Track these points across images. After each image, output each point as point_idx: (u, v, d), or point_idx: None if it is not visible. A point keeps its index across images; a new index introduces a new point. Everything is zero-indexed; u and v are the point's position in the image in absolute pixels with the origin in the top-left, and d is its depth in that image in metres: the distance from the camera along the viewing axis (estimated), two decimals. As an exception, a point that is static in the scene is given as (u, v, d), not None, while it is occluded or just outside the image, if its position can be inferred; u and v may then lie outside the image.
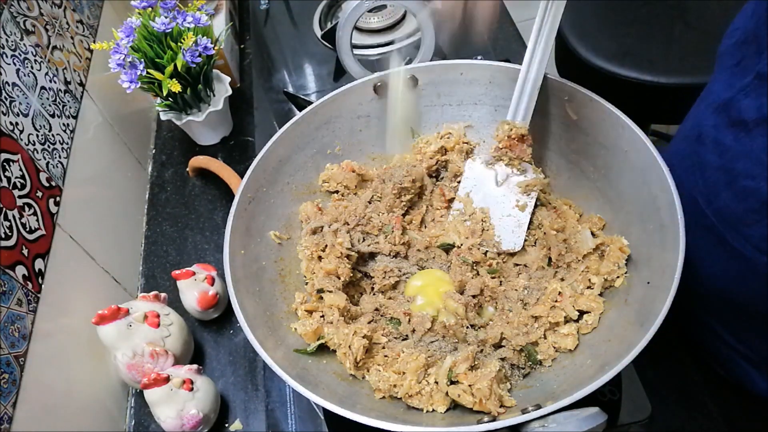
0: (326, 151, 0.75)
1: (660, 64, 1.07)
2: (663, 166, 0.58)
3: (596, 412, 0.48)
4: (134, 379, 0.69)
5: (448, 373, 0.55)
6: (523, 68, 0.67)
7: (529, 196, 0.69)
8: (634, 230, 0.62)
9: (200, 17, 0.88)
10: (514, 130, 0.68)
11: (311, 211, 0.71)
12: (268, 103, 1.07)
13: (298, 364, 0.58)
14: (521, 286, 0.65)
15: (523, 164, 0.69)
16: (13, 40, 0.72)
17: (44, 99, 0.76)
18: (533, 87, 0.67)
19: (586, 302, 0.61)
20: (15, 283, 0.61)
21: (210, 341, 0.80)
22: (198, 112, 0.97)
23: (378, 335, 0.61)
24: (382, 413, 0.55)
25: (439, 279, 0.66)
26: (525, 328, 0.61)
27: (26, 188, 0.67)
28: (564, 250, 0.65)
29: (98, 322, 0.68)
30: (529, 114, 0.68)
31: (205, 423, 0.68)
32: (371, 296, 0.67)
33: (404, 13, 1.13)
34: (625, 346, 0.51)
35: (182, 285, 0.77)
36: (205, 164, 0.94)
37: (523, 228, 0.69)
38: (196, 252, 0.90)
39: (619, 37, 1.13)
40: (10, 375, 0.57)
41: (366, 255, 0.69)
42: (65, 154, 0.78)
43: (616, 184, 0.65)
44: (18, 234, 0.63)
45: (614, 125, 0.63)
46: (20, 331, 0.60)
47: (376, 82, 0.73)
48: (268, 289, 0.65)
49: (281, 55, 1.16)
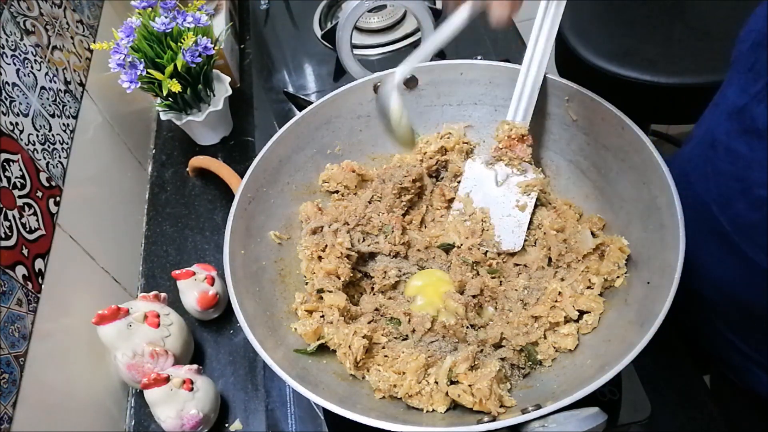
0: (326, 151, 0.75)
1: (660, 64, 1.07)
2: (663, 166, 0.58)
3: (596, 412, 0.48)
4: (134, 379, 0.69)
5: (448, 373, 0.55)
6: (523, 68, 0.67)
7: (529, 196, 0.69)
8: (634, 230, 0.62)
9: (200, 17, 0.88)
10: (514, 130, 0.68)
11: (311, 211, 0.71)
12: (268, 103, 1.07)
13: (298, 364, 0.58)
14: (521, 286, 0.65)
15: (523, 164, 0.69)
16: (13, 40, 0.72)
17: (44, 99, 0.76)
18: (533, 87, 0.67)
19: (586, 302, 0.61)
20: (15, 283, 0.61)
21: (210, 341, 0.80)
22: (198, 112, 0.97)
23: (378, 335, 0.61)
24: (382, 413, 0.55)
25: (439, 279, 0.66)
26: (525, 328, 0.61)
27: (26, 188, 0.67)
28: (564, 250, 0.65)
29: (98, 322, 0.68)
30: (529, 114, 0.68)
31: (205, 423, 0.68)
32: (371, 296, 0.67)
33: (404, 13, 1.13)
34: (625, 346, 0.51)
35: (182, 285, 0.77)
36: (205, 164, 0.94)
37: (523, 228, 0.69)
38: (196, 252, 0.90)
39: (619, 37, 1.13)
40: (10, 375, 0.57)
41: (366, 255, 0.69)
42: (65, 154, 0.78)
43: (616, 184, 0.65)
44: (18, 234, 0.63)
45: (614, 125, 0.63)
46: (20, 331, 0.60)
47: (376, 82, 0.73)
48: (268, 289, 0.65)
49: (281, 55, 1.16)
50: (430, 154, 0.75)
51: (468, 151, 0.76)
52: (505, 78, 0.71)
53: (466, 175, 0.72)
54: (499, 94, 0.73)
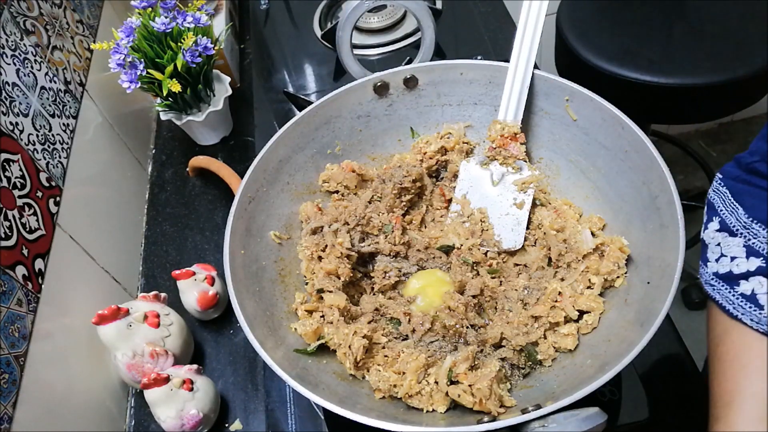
0: (326, 151, 0.75)
1: (660, 64, 1.07)
2: (663, 166, 0.58)
3: (596, 412, 0.48)
4: (134, 379, 0.69)
5: (448, 373, 0.55)
6: (511, 67, 0.67)
7: (526, 194, 0.69)
8: (634, 230, 0.62)
9: (200, 17, 0.88)
10: (507, 129, 0.68)
11: (311, 211, 0.71)
12: (268, 103, 1.07)
13: (298, 364, 0.58)
14: (521, 286, 0.65)
15: (518, 162, 0.69)
16: (13, 40, 0.72)
17: (44, 99, 0.76)
18: (522, 85, 0.67)
19: (586, 302, 0.61)
20: (15, 283, 0.61)
21: (210, 341, 0.80)
22: (198, 112, 0.97)
23: (378, 335, 0.61)
24: (382, 413, 0.55)
25: (439, 279, 0.66)
26: (525, 328, 0.61)
27: (26, 188, 0.67)
28: (564, 250, 0.65)
29: (98, 322, 0.68)
30: (519, 112, 0.68)
31: (205, 423, 0.68)
32: (371, 296, 0.67)
33: (404, 13, 1.13)
34: (625, 346, 0.51)
35: (182, 285, 0.77)
36: (205, 164, 0.94)
37: (522, 226, 0.69)
38: (196, 252, 0.90)
39: (619, 37, 1.13)
40: (10, 375, 0.57)
41: (366, 255, 0.69)
42: (65, 154, 0.78)
43: (616, 184, 0.65)
44: (18, 234, 0.63)
45: (614, 125, 0.63)
46: (20, 331, 0.60)
47: (376, 82, 0.73)
48: (268, 289, 0.65)
49: (281, 55, 1.15)
50: (430, 154, 0.75)
51: (468, 151, 0.76)
52: (504, 78, 0.71)
53: (461, 177, 0.72)
54: (499, 94, 0.73)
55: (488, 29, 1.10)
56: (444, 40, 1.08)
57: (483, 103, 0.74)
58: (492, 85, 0.72)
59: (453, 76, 0.74)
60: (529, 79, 0.67)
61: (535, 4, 0.66)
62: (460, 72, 0.73)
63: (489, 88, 0.73)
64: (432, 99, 0.76)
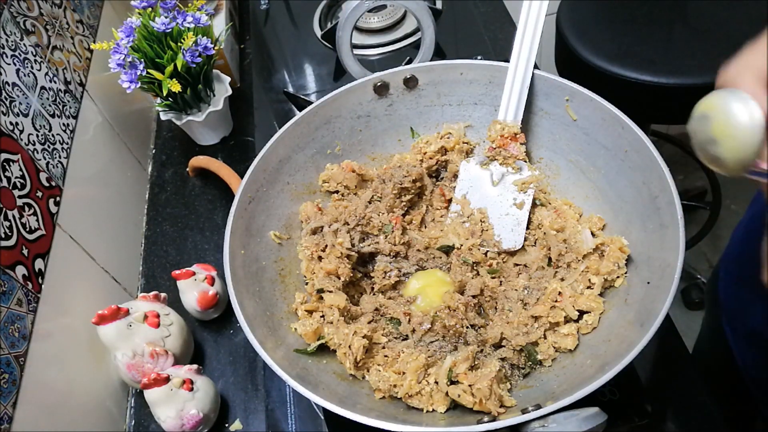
0: (326, 151, 0.75)
1: (660, 64, 1.07)
2: (663, 166, 0.58)
3: (596, 412, 0.48)
4: (134, 379, 0.69)
5: (448, 373, 0.55)
6: (511, 68, 0.68)
7: (526, 194, 0.69)
8: (634, 230, 0.62)
9: (200, 17, 0.88)
10: (506, 129, 0.68)
11: (311, 211, 0.71)
12: (268, 103, 1.07)
13: (298, 364, 0.58)
14: (521, 286, 0.65)
15: (518, 162, 0.70)
16: (13, 40, 0.72)
17: (44, 99, 0.76)
18: (522, 85, 0.67)
19: (586, 302, 0.61)
20: (15, 283, 0.61)
21: (210, 341, 0.80)
22: (198, 112, 0.97)
23: (378, 335, 0.61)
24: (382, 413, 0.55)
25: (440, 280, 0.66)
26: (525, 328, 0.61)
27: (26, 188, 0.67)
28: (564, 250, 0.65)
29: (98, 322, 0.68)
30: (519, 112, 0.68)
31: (205, 423, 0.68)
32: (371, 296, 0.67)
33: (404, 13, 1.13)
34: (625, 346, 0.51)
35: (182, 285, 0.77)
36: (205, 164, 0.94)
37: (522, 226, 0.69)
38: (196, 252, 0.90)
39: (619, 37, 1.13)
40: (10, 375, 0.57)
41: (366, 255, 0.69)
42: (65, 154, 0.78)
43: (616, 184, 0.65)
44: (18, 234, 0.63)
45: (614, 125, 0.64)
46: (20, 331, 0.60)
47: (376, 82, 0.73)
48: (268, 289, 0.65)
49: (281, 55, 1.15)
50: (430, 154, 0.75)
51: (468, 151, 0.76)
52: (505, 78, 0.71)
53: (461, 177, 0.72)
54: (499, 94, 0.73)
55: (488, 29, 1.10)
56: (444, 40, 1.08)
57: (483, 103, 0.74)
58: (492, 85, 0.72)
59: (453, 76, 0.74)
60: (529, 79, 0.67)
61: (535, 4, 0.66)
62: (460, 72, 0.73)
63: (489, 88, 0.73)
64: (432, 99, 0.76)
